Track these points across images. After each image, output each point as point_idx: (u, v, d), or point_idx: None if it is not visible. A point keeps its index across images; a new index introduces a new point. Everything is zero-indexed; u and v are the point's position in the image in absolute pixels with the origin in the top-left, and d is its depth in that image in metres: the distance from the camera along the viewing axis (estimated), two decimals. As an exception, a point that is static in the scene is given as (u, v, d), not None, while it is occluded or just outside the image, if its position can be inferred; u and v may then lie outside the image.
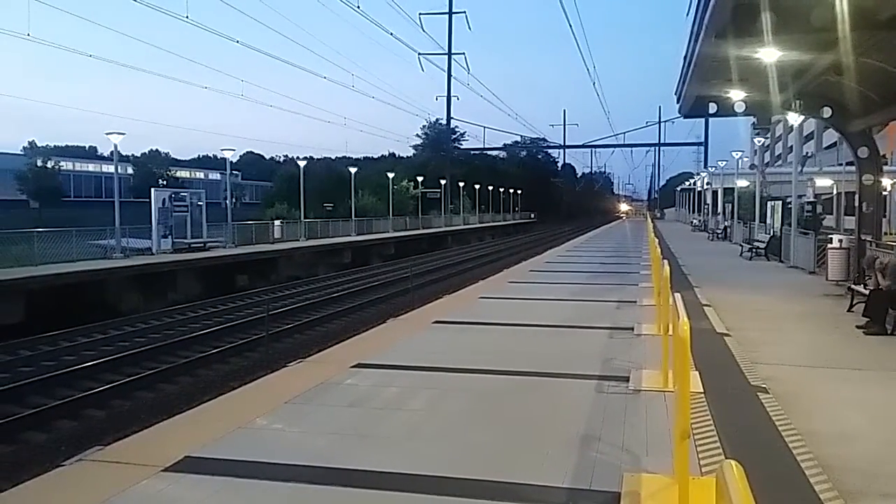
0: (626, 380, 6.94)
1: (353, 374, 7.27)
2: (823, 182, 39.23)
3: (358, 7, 34.41)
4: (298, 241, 35.82)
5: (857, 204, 14.50)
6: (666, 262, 7.96)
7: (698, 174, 64.88)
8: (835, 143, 56.61)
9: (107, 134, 25.20)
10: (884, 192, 17.37)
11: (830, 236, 14.84)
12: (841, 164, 37.87)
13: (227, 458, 4.85)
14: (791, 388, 6.91)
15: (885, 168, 19.19)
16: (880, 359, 8.40)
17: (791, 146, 67.26)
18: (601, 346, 8.82)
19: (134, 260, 24.34)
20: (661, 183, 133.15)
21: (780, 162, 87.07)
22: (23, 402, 11.56)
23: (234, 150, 33.79)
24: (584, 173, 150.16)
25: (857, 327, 10.00)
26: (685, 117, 17.64)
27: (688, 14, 11.24)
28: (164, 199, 27.39)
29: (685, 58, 12.58)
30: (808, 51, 9.95)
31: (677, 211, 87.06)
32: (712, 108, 14.51)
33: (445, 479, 4.54)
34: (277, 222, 35.81)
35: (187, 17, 31.36)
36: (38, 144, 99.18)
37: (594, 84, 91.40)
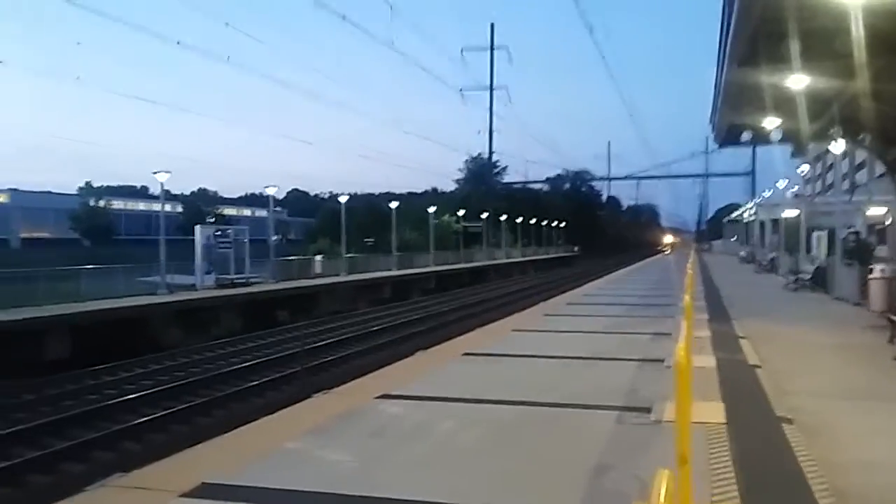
0: (649, 411, 6.87)
1: (377, 405, 7.34)
2: (877, 211, 38.27)
3: (392, 44, 35.16)
4: (339, 275, 36.20)
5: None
6: (686, 295, 7.90)
7: (746, 205, 63.92)
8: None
9: (153, 173, 25.98)
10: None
11: (871, 266, 14.52)
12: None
13: (244, 484, 4.94)
14: (817, 418, 6.78)
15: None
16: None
17: (844, 174, 65.74)
18: (629, 377, 8.74)
19: (177, 296, 24.86)
20: (710, 214, 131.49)
21: (831, 191, 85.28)
22: (63, 435, 11.87)
23: (276, 187, 34.49)
24: (629, 206, 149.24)
25: (895, 359, 9.75)
26: (720, 146, 17.58)
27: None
28: (208, 236, 28.04)
29: (715, 86, 12.58)
30: (837, 77, 9.87)
31: (725, 243, 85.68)
32: (746, 136, 14.40)
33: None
34: (318, 257, 36.32)
35: (228, 58, 32.38)
36: (94, 185, 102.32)
37: (630, 115, 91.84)
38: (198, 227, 28.36)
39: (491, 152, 78.32)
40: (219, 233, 29.16)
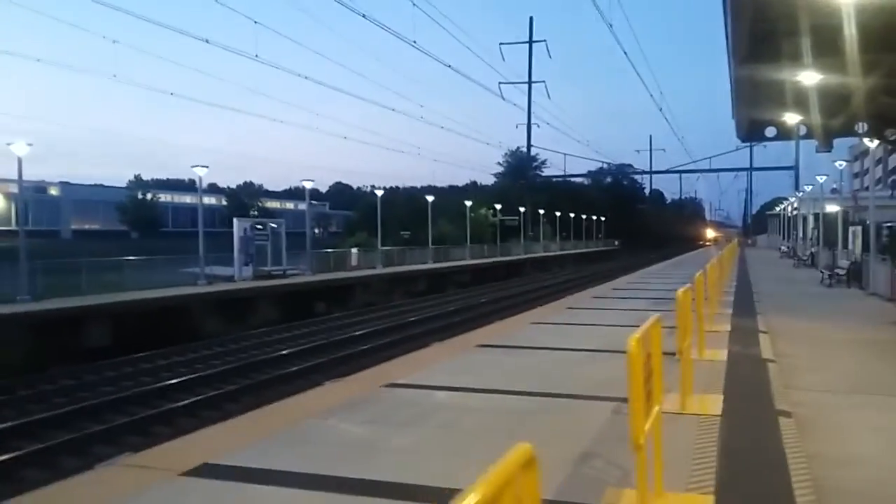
0: (647, 402, 6.96)
1: (382, 393, 7.57)
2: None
3: (414, 42, 35.53)
4: (375, 268, 36.63)
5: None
6: (688, 284, 7.91)
7: (787, 199, 62.74)
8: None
9: (192, 167, 26.64)
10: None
11: (901, 261, 14.30)
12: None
13: (242, 465, 5.20)
14: (817, 413, 6.81)
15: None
16: (928, 386, 8.12)
17: (893, 168, 64.21)
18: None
19: (215, 286, 25.50)
20: (755, 208, 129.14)
21: (879, 186, 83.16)
22: (99, 419, 12.40)
23: (313, 180, 35.01)
24: (672, 199, 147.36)
25: (914, 355, 9.65)
26: (743, 141, 17.38)
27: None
28: (245, 229, 28.66)
29: (730, 83, 12.51)
30: (849, 74, 9.76)
31: (769, 237, 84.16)
32: (770, 132, 14.25)
33: (441, 489, 4.75)
34: (354, 250, 36.81)
35: (256, 55, 32.92)
36: (143, 178, 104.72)
37: (660, 110, 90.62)
38: (236, 220, 29.00)
39: (529, 146, 78.20)
40: (256, 225, 29.75)
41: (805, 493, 4.54)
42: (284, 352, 18.86)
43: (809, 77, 10.00)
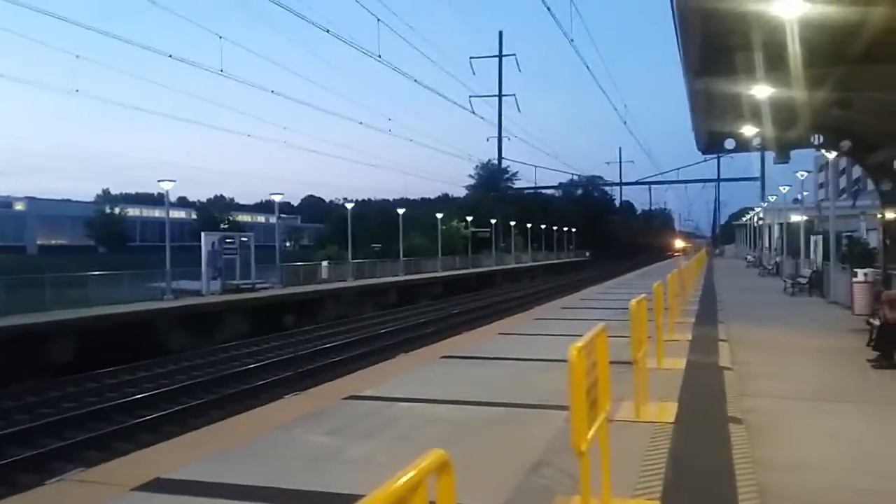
0: (603, 411, 7.06)
1: (343, 406, 7.58)
2: (889, 215, 38.14)
3: (379, 57, 35.73)
4: (346, 281, 36.54)
5: (880, 238, 14.26)
6: (642, 295, 8.03)
7: (754, 209, 63.73)
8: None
9: (159, 181, 26.44)
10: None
11: (856, 269, 14.60)
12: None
13: (195, 479, 5.19)
14: (769, 419, 6.95)
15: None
16: (878, 392, 8.33)
17: (856, 178, 65.43)
18: (596, 379, 8.91)
19: (182, 301, 25.28)
20: (724, 218, 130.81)
21: (844, 196, 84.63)
22: (59, 436, 12.23)
23: (282, 193, 34.94)
24: (643, 210, 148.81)
25: (868, 361, 9.87)
26: (703, 153, 17.64)
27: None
28: (213, 243, 28.47)
29: (687, 96, 12.76)
30: (798, 87, 10.02)
31: (736, 247, 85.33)
32: (729, 143, 14.53)
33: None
34: (325, 263, 36.72)
35: (221, 70, 32.86)
36: (112, 193, 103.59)
37: (625, 123, 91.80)
38: (203, 234, 28.82)
39: (500, 158, 78.69)
40: (224, 239, 29.57)
41: (749, 499, 4.65)
42: (251, 366, 18.76)
43: (762, 91, 10.23)
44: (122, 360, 18.86)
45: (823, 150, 15.96)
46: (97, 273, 25.53)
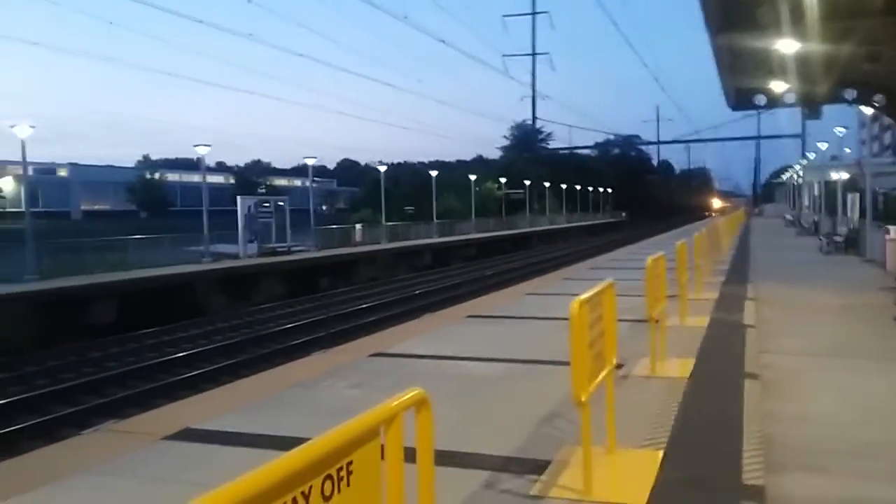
0: (621, 367, 7.18)
1: (367, 362, 7.82)
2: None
3: (405, 17, 35.58)
4: (380, 243, 36.89)
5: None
6: (661, 253, 8.06)
7: (793, 167, 62.43)
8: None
9: (194, 146, 26.85)
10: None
11: (888, 227, 14.37)
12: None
13: (222, 429, 5.47)
14: (784, 375, 7.01)
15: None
16: (899, 348, 8.31)
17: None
18: (618, 337, 9.01)
19: (220, 264, 25.84)
20: (765, 177, 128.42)
21: (888, 152, 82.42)
22: (101, 393, 12.76)
23: (315, 157, 35.21)
24: (681, 170, 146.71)
25: (895, 318, 9.82)
26: (733, 109, 17.36)
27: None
28: (249, 206, 28.91)
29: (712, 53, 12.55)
30: (824, 41, 9.80)
31: (776, 206, 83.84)
32: (759, 100, 14.28)
33: (408, 448, 5.00)
34: (358, 226, 37.04)
35: (251, 34, 32.97)
36: (152, 158, 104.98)
37: (657, 80, 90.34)
38: (239, 198, 29.26)
39: (534, 118, 78.19)
40: (260, 203, 30.01)
41: (752, 448, 4.76)
42: (286, 326, 19.19)
43: (787, 45, 10.04)
44: (162, 321, 19.45)
45: (857, 105, 15.60)
46: (137, 237, 26.15)
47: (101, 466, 4.68)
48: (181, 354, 15.64)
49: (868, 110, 18.05)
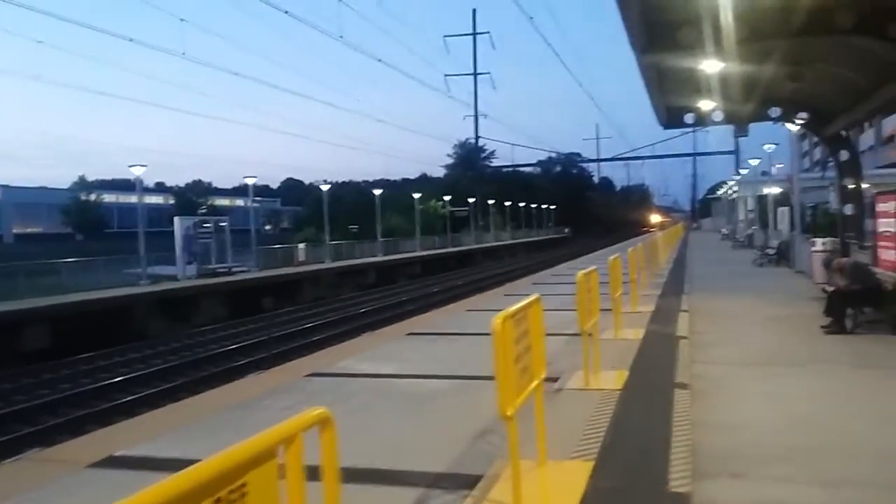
0: (556, 380, 7.27)
1: (303, 383, 7.75)
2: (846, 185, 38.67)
3: (341, 37, 35.88)
4: (323, 262, 36.61)
5: (838, 207, 14.59)
6: (594, 267, 8.22)
7: (727, 183, 64.30)
8: (872, 146, 55.63)
9: (129, 166, 26.31)
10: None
11: (814, 239, 14.91)
12: (882, 168, 37.48)
13: (150, 455, 5.34)
14: (714, 384, 7.19)
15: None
16: (824, 356, 8.60)
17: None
18: (555, 351, 9.11)
19: (157, 286, 25.28)
20: (702, 192, 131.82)
21: (817, 168, 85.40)
22: (30, 422, 12.33)
23: (255, 177, 34.84)
24: (622, 187, 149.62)
25: (821, 327, 10.16)
26: (664, 128, 17.90)
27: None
28: (187, 227, 28.40)
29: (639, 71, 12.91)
30: (746, 61, 10.19)
31: (713, 220, 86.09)
32: (689, 118, 14.73)
33: (342, 468, 4.96)
34: (301, 245, 36.73)
35: (183, 53, 32.66)
36: (88, 179, 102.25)
37: (592, 99, 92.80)
38: (176, 219, 28.74)
39: (477, 137, 78.93)
40: (199, 223, 29.52)
41: (680, 456, 4.86)
42: (227, 348, 18.88)
43: (711, 65, 10.40)
44: (98, 345, 18.91)
45: (782, 123, 16.21)
46: (71, 260, 25.45)
47: (21, 496, 4.53)
48: (117, 379, 15.24)
49: (793, 127, 18.72)
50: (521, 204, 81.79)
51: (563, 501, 4.17)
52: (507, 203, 76.01)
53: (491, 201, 70.49)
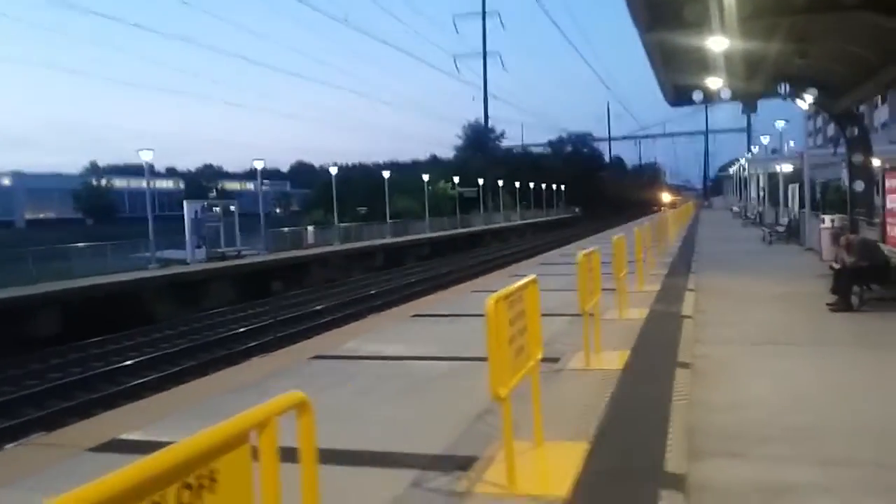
0: (557, 360, 7.26)
1: (307, 365, 7.77)
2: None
3: (346, 20, 35.62)
4: (332, 245, 36.65)
5: (847, 183, 14.44)
6: (598, 247, 8.18)
7: (739, 161, 63.81)
8: (885, 123, 55.03)
9: (138, 151, 26.37)
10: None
11: (822, 216, 14.78)
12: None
13: (151, 439, 5.38)
14: (717, 363, 7.16)
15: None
16: (828, 335, 8.55)
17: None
18: (555, 332, 9.08)
19: (167, 270, 25.40)
20: (714, 170, 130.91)
21: (831, 144, 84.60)
22: (42, 406, 12.45)
23: (263, 160, 34.93)
24: (633, 166, 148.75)
25: (827, 305, 10.09)
26: (671, 105, 17.70)
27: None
28: (196, 211, 28.48)
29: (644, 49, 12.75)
30: (751, 38, 10.03)
31: (725, 198, 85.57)
32: (697, 96, 14.58)
33: (341, 451, 4.98)
34: (310, 228, 36.79)
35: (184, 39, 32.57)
36: (99, 165, 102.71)
37: (600, 78, 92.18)
38: (186, 203, 28.81)
39: (486, 118, 78.53)
40: (207, 207, 29.60)
41: (676, 436, 4.85)
42: (235, 331, 18.96)
43: (717, 43, 10.25)
44: (108, 330, 19.03)
45: (791, 100, 16.00)
46: (81, 245, 25.60)
47: (22, 481, 4.56)
48: (126, 363, 15.34)
49: (804, 104, 18.50)
50: (531, 184, 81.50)
51: (557, 482, 4.16)
52: (517, 183, 75.76)
53: (500, 182, 70.26)
